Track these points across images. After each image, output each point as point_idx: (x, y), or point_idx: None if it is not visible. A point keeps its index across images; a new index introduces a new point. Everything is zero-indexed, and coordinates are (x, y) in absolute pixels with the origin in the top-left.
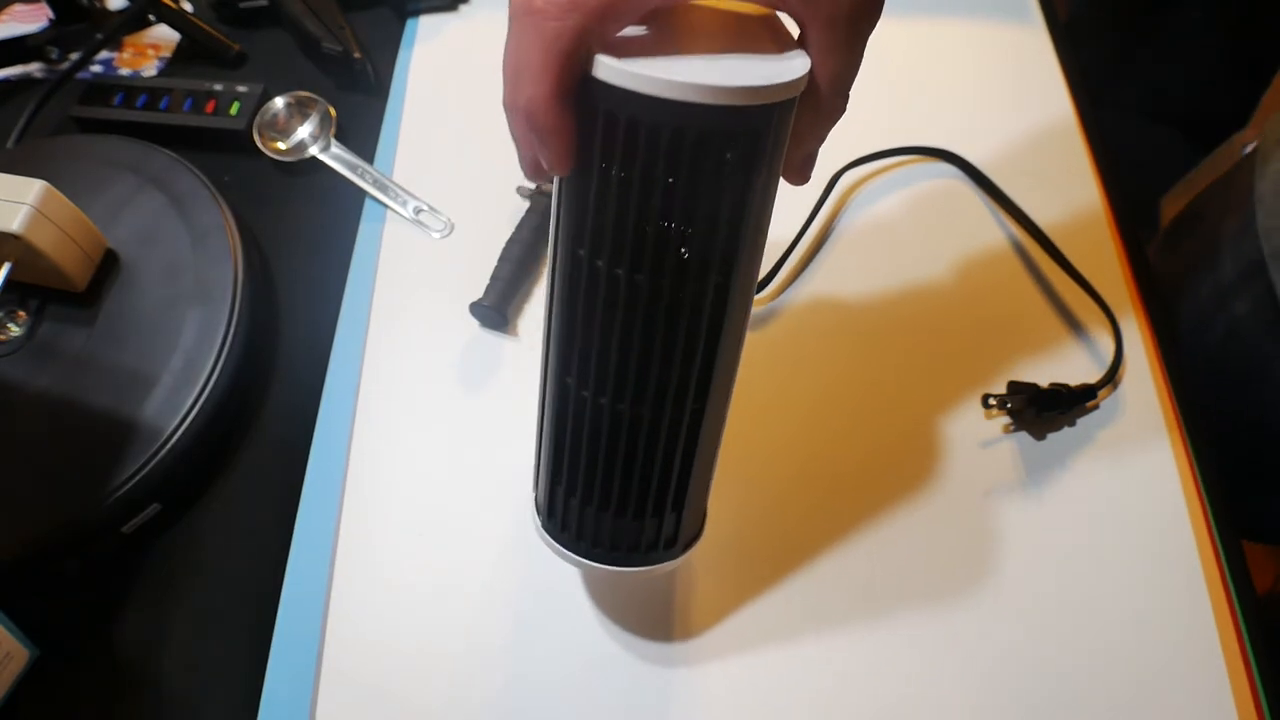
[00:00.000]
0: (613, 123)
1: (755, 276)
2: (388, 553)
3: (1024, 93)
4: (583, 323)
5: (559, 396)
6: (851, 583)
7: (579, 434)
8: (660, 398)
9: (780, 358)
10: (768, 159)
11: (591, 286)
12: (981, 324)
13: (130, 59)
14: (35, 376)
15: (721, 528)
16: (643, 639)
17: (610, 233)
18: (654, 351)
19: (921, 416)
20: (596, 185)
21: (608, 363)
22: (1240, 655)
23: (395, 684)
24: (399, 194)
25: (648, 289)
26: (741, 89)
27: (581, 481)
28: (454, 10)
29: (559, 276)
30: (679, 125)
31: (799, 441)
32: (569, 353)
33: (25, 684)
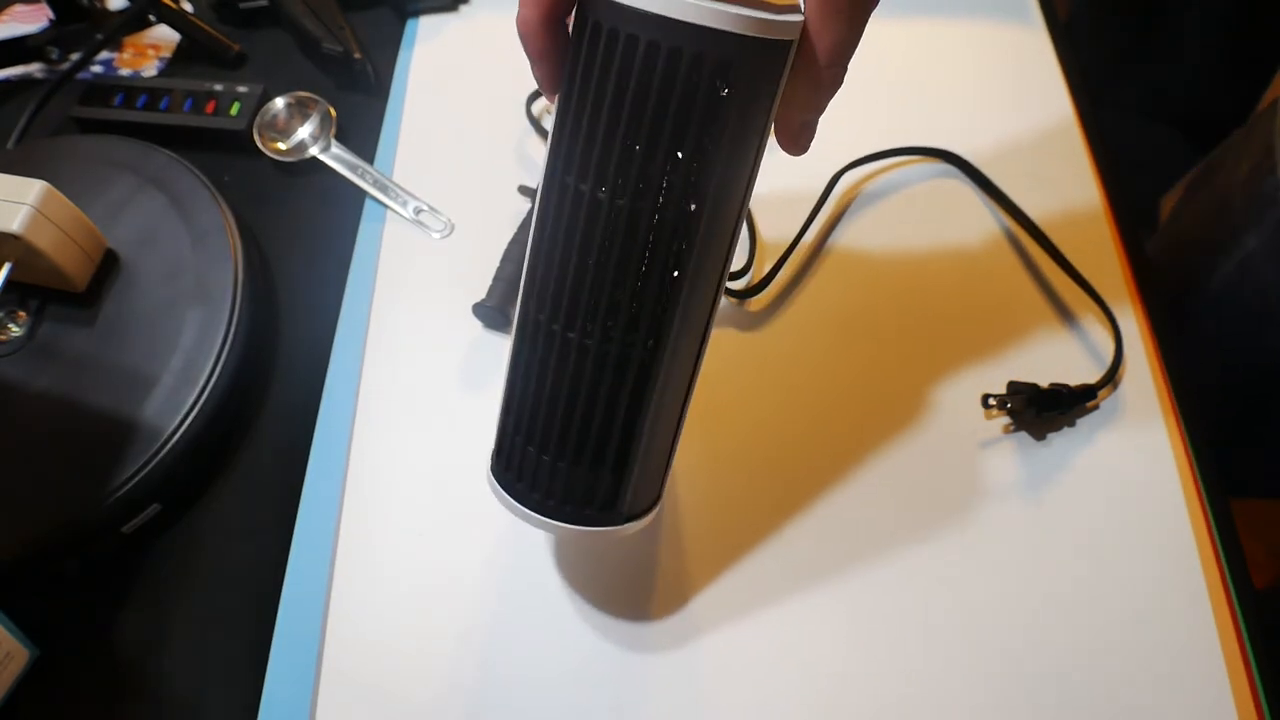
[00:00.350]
0: (597, 32)
1: (728, 225)
2: (388, 553)
3: (1024, 93)
4: (557, 247)
5: (520, 324)
6: (851, 583)
7: (530, 364)
8: (609, 320)
9: (780, 358)
10: (742, 93)
11: (568, 206)
12: (981, 324)
13: (130, 59)
14: (35, 377)
15: (720, 529)
16: (640, 644)
17: (594, 151)
18: (608, 270)
19: (921, 416)
20: (576, 98)
21: (565, 280)
22: (1240, 655)
23: (395, 684)
24: (399, 194)
25: (627, 211)
26: (716, 11)
27: (527, 417)
28: (454, 10)
29: (540, 201)
30: (653, 39)
31: (798, 441)
32: (533, 278)
33: (25, 684)
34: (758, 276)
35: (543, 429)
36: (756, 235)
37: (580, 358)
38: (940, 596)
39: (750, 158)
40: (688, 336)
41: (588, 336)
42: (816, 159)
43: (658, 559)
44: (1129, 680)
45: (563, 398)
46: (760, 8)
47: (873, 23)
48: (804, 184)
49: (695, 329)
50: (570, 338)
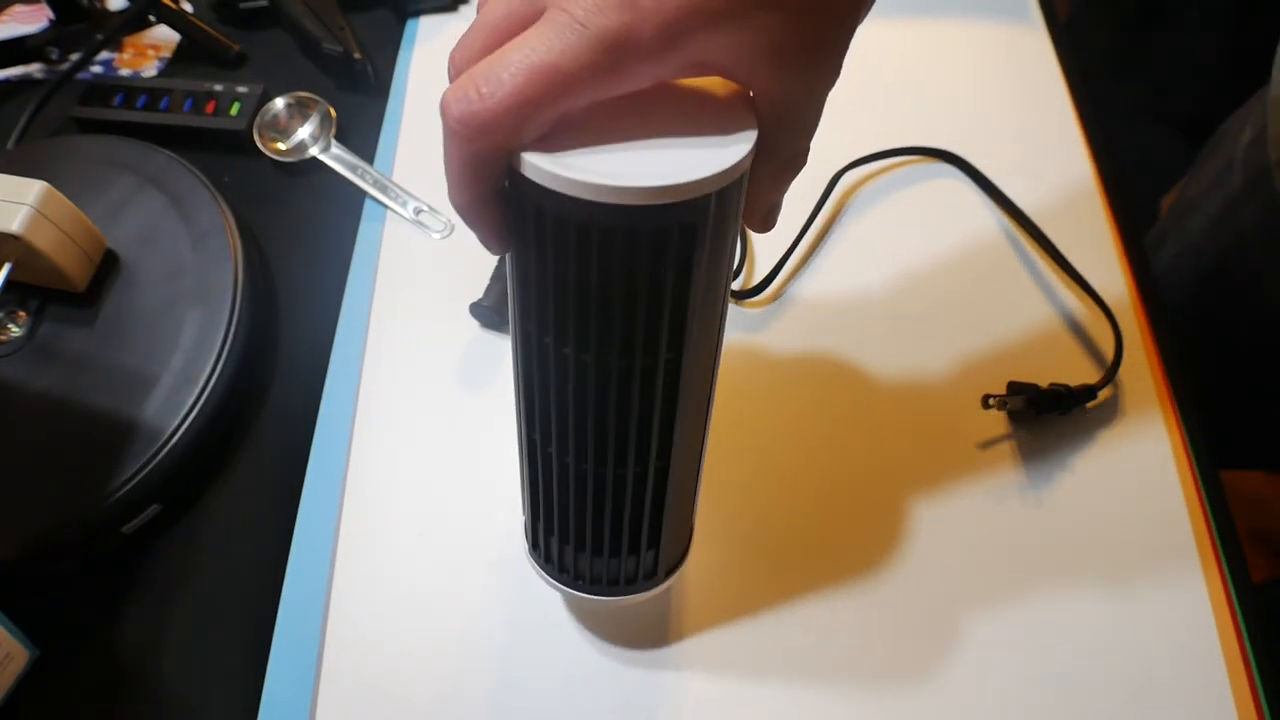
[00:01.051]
0: (542, 217)
1: (714, 341)
2: (388, 553)
3: (1024, 93)
4: (539, 390)
5: (528, 450)
6: (849, 582)
7: (550, 485)
8: (621, 458)
9: (779, 358)
10: (708, 242)
11: (543, 360)
12: (981, 324)
13: (130, 59)
14: (35, 377)
15: (717, 530)
16: (639, 645)
17: (553, 314)
18: (609, 418)
19: (921, 417)
20: (535, 268)
21: (566, 427)
22: (1240, 654)
23: (395, 684)
24: (399, 194)
25: (595, 366)
26: (671, 186)
27: (558, 524)
28: (454, 11)
29: (515, 342)
30: (606, 224)
31: (798, 442)
32: (532, 412)
33: (25, 684)
34: (749, 281)
35: (575, 533)
36: (748, 238)
37: (598, 483)
38: (939, 596)
39: (724, 274)
40: (691, 432)
41: (601, 468)
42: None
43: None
44: (1129, 680)
45: (589, 513)
46: (710, 139)
47: (873, 23)
48: (804, 184)
49: (699, 423)
50: (584, 469)
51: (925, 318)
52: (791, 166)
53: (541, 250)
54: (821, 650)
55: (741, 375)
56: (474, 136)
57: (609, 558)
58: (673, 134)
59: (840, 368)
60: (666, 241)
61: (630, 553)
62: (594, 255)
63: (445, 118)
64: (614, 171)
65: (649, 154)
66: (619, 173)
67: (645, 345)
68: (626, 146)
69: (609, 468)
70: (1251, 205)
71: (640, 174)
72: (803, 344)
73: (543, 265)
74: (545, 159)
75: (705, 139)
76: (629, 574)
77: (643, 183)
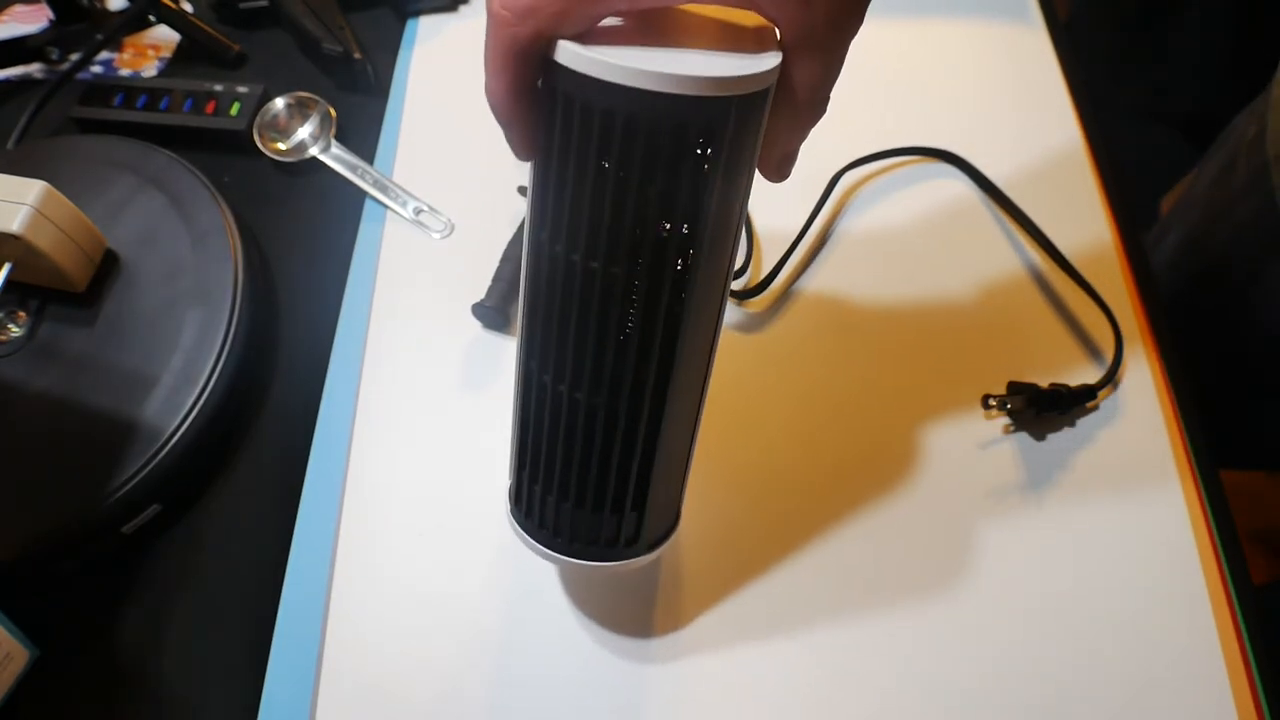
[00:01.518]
0: (570, 105)
1: (722, 274)
2: (388, 554)
3: (1024, 93)
4: (544, 308)
5: (524, 381)
6: (849, 583)
7: (541, 421)
8: (616, 387)
9: (779, 358)
10: (727, 152)
11: (551, 271)
12: (981, 324)
13: (130, 59)
14: (35, 377)
15: (717, 528)
16: (640, 644)
17: (568, 216)
18: (609, 338)
19: (921, 417)
20: (556, 167)
21: (566, 348)
22: (1240, 654)
23: (395, 684)
24: (399, 194)
25: (602, 276)
26: (694, 79)
27: (544, 470)
28: (454, 11)
29: (525, 262)
30: (632, 112)
31: (797, 441)
32: (532, 338)
33: (25, 684)
34: (755, 279)
35: (560, 481)
36: (754, 236)
37: (589, 417)
38: (939, 596)
39: (737, 207)
40: (690, 374)
41: (595, 397)
42: (817, 159)
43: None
44: (1129, 680)
45: (577, 453)
46: (736, 56)
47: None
48: (804, 184)
49: (698, 369)
50: (577, 398)
51: (924, 317)
52: (810, 112)
53: (566, 141)
54: (817, 648)
55: (742, 374)
56: (517, 20)
57: (591, 510)
58: (703, 48)
59: (840, 367)
60: (685, 138)
61: (614, 510)
62: (615, 145)
63: (490, 2)
64: (646, 64)
65: (679, 58)
66: (647, 64)
67: (653, 256)
68: (659, 52)
69: (603, 395)
70: (1252, 201)
71: (670, 67)
72: (803, 343)
73: (564, 160)
74: (579, 47)
75: (734, 56)
76: (610, 534)
77: (669, 70)
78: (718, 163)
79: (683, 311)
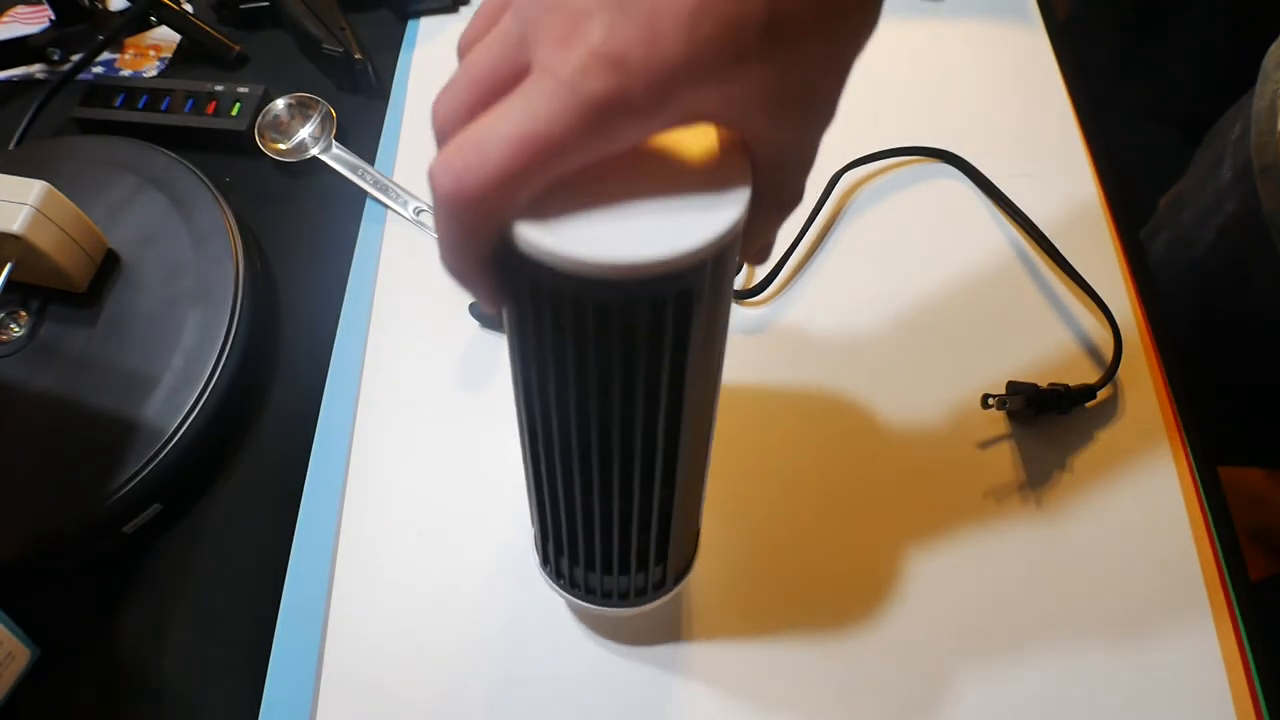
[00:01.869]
0: (538, 285)
1: (714, 383)
2: (388, 554)
3: (1023, 93)
4: (543, 433)
5: (534, 483)
6: (849, 582)
7: (558, 513)
8: (626, 494)
9: (779, 358)
10: (706, 300)
11: (544, 406)
12: (981, 324)
13: (131, 60)
14: (36, 377)
15: (717, 529)
16: (641, 644)
17: (553, 369)
18: (613, 461)
19: (920, 417)
20: (532, 328)
21: (572, 469)
22: (1239, 654)
23: (396, 685)
24: (400, 195)
25: (597, 415)
26: (660, 261)
27: (567, 545)
28: (454, 12)
29: (516, 385)
30: (602, 295)
31: (797, 441)
32: (536, 451)
33: (25, 684)
34: (749, 281)
35: (585, 556)
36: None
37: (605, 515)
38: (939, 596)
39: (722, 327)
40: (694, 462)
41: (607, 502)
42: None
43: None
44: (1128, 680)
45: (598, 539)
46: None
47: None
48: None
49: (701, 454)
50: (590, 503)
51: (925, 317)
52: (787, 206)
53: (539, 314)
54: (819, 648)
55: (740, 375)
56: (463, 210)
57: (619, 575)
58: (666, 192)
59: (840, 368)
60: (664, 307)
61: (639, 569)
62: (590, 321)
63: (433, 190)
64: (609, 241)
65: (643, 218)
66: (614, 243)
67: (646, 397)
68: (620, 208)
69: (614, 502)
70: (1237, 199)
71: (635, 243)
72: (802, 343)
73: (539, 327)
74: (538, 231)
75: (699, 196)
76: (639, 587)
77: (638, 256)
78: (699, 309)
79: (680, 425)
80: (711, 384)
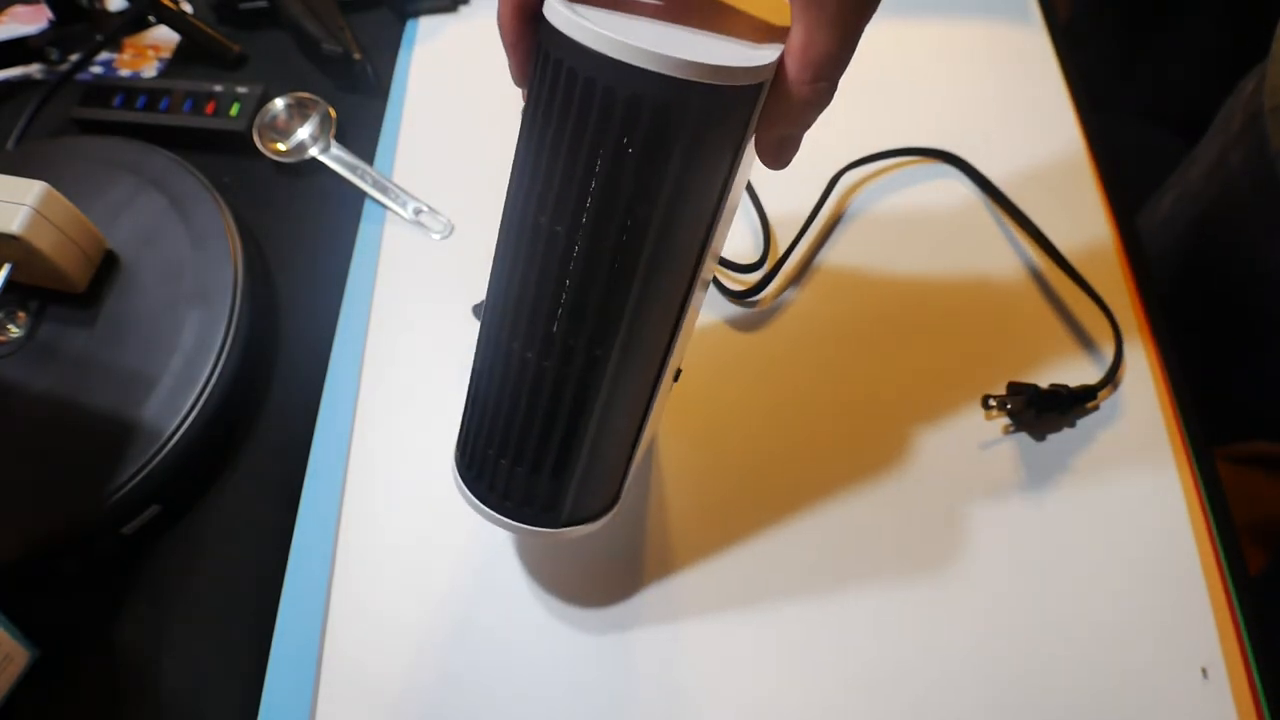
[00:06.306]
0: (558, 68)
1: (681, 260)
2: (388, 554)
3: (1024, 94)
4: (501, 259)
5: (481, 329)
6: (849, 583)
7: (484, 369)
8: (547, 341)
9: (779, 358)
10: (688, 138)
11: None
12: (981, 325)
13: (130, 60)
14: (35, 377)
15: (716, 528)
16: (641, 642)
17: (542, 178)
18: (545, 292)
19: (921, 417)
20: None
21: (510, 297)
22: (1240, 654)
23: (396, 684)
24: (399, 195)
25: (547, 233)
26: (682, 61)
27: (478, 416)
28: (454, 11)
29: (501, 229)
30: (589, 72)
31: (796, 442)
32: (491, 289)
33: (25, 684)
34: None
35: (489, 430)
36: (770, 233)
37: (522, 370)
38: (939, 596)
39: (705, 199)
40: (638, 357)
41: (528, 351)
42: (816, 159)
43: (657, 563)
44: (1128, 680)
45: (506, 405)
46: (738, 40)
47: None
48: (804, 185)
49: (649, 350)
50: (513, 348)
51: (924, 318)
52: (813, 103)
53: (538, 92)
54: (817, 647)
55: (740, 374)
56: None
57: (513, 464)
58: (708, 30)
59: (839, 368)
60: (639, 110)
61: (535, 467)
62: (575, 101)
63: None
64: (610, 27)
65: (664, 32)
66: (614, 29)
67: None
68: (653, 25)
69: (534, 353)
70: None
71: (635, 38)
72: (802, 343)
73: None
74: (565, 6)
75: (730, 40)
76: (530, 494)
77: (627, 40)
78: (675, 137)
79: (628, 287)
80: (674, 259)
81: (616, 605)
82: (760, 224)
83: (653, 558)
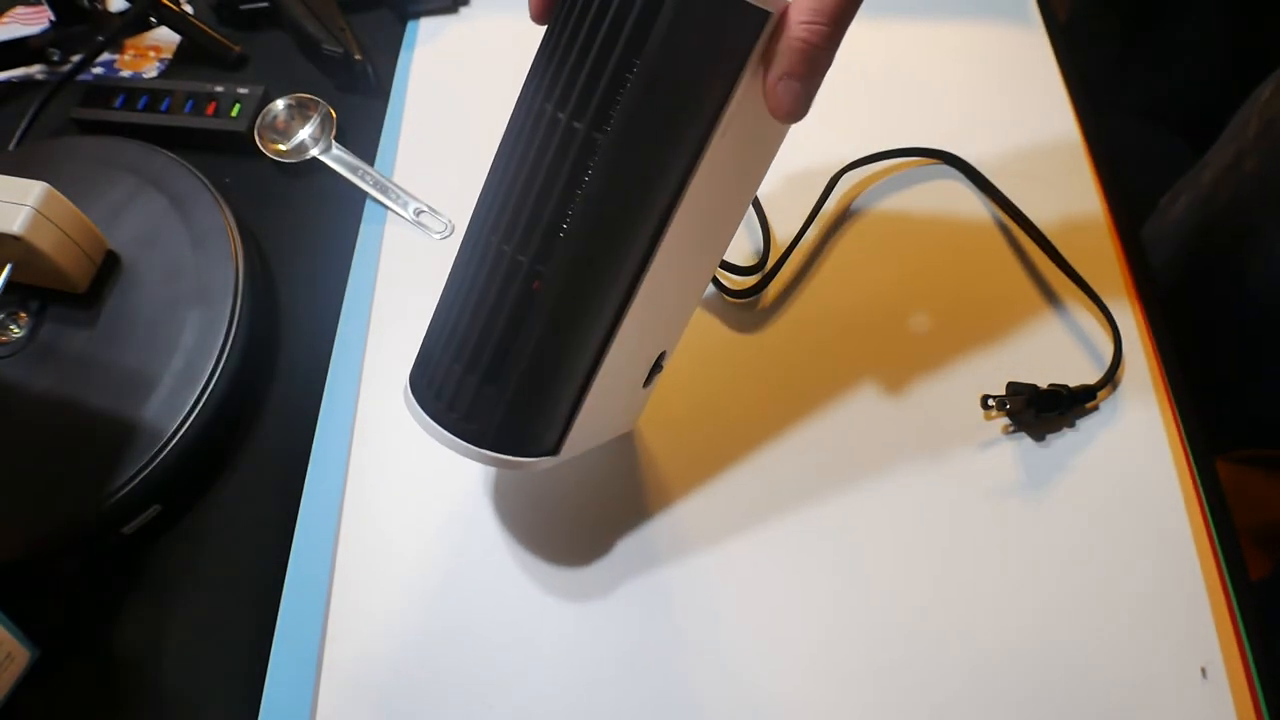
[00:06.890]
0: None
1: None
2: (389, 554)
3: (1023, 94)
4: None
5: (465, 238)
6: (848, 584)
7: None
8: (507, 234)
9: (779, 358)
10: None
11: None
12: (980, 325)
13: (131, 61)
14: (36, 378)
15: (714, 529)
16: (642, 643)
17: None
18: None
19: (920, 417)
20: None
21: (487, 192)
22: (1239, 655)
23: (396, 684)
24: (399, 195)
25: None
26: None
27: (449, 324)
28: (454, 12)
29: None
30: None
31: (795, 443)
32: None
33: (25, 684)
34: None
35: (439, 328)
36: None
37: (479, 264)
38: (939, 597)
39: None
40: (591, 277)
41: (505, 244)
42: (816, 160)
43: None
44: (1127, 680)
45: (460, 300)
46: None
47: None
48: (804, 184)
49: (603, 273)
50: (491, 240)
51: (924, 318)
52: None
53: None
54: (817, 648)
55: (739, 374)
56: None
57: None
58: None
59: (839, 368)
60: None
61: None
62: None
63: None
64: None
65: None
66: None
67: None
68: None
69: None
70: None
71: None
72: (801, 343)
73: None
74: None
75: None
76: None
77: None
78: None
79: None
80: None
81: (617, 605)
82: (760, 224)
83: (653, 559)
